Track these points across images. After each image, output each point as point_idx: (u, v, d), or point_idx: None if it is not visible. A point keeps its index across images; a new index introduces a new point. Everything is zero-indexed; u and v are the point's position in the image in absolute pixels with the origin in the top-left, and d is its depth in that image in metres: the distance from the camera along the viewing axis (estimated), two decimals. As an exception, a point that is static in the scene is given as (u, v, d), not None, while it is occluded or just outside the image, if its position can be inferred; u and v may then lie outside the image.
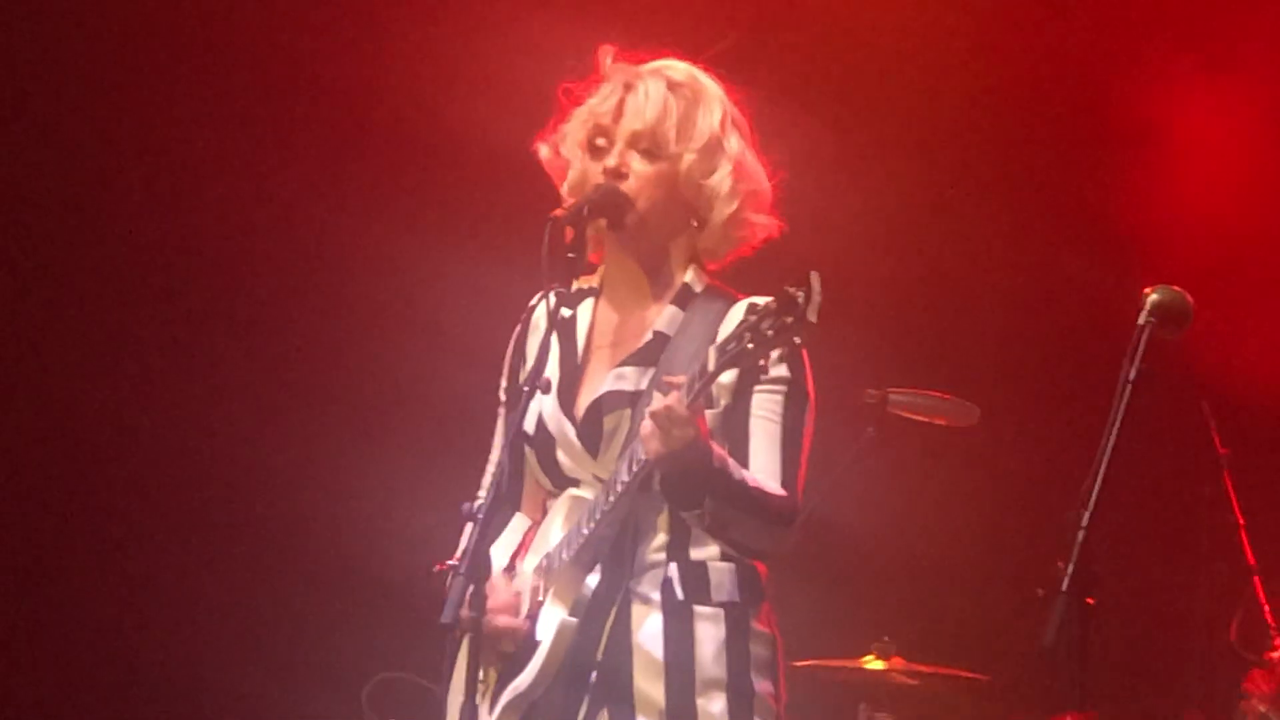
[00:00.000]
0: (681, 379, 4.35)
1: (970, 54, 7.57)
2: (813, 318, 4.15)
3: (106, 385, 7.91)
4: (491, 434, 4.97)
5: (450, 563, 4.48)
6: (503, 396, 4.90)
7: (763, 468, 4.54)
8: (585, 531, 4.55)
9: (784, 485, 4.54)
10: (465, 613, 4.30)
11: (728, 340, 4.28)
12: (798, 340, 4.19)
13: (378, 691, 7.21)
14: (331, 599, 7.87)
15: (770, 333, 4.20)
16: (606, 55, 4.78)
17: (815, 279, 4.16)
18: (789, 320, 4.17)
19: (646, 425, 4.34)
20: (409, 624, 7.26)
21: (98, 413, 7.90)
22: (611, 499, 4.50)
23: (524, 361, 4.85)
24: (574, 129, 4.78)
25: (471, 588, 4.26)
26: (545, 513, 4.78)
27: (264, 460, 7.83)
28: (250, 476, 7.88)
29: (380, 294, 7.85)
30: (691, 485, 4.41)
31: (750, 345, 4.22)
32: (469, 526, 4.56)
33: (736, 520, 4.48)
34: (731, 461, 4.46)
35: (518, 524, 4.83)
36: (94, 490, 7.92)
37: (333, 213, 7.85)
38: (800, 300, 4.16)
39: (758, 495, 4.48)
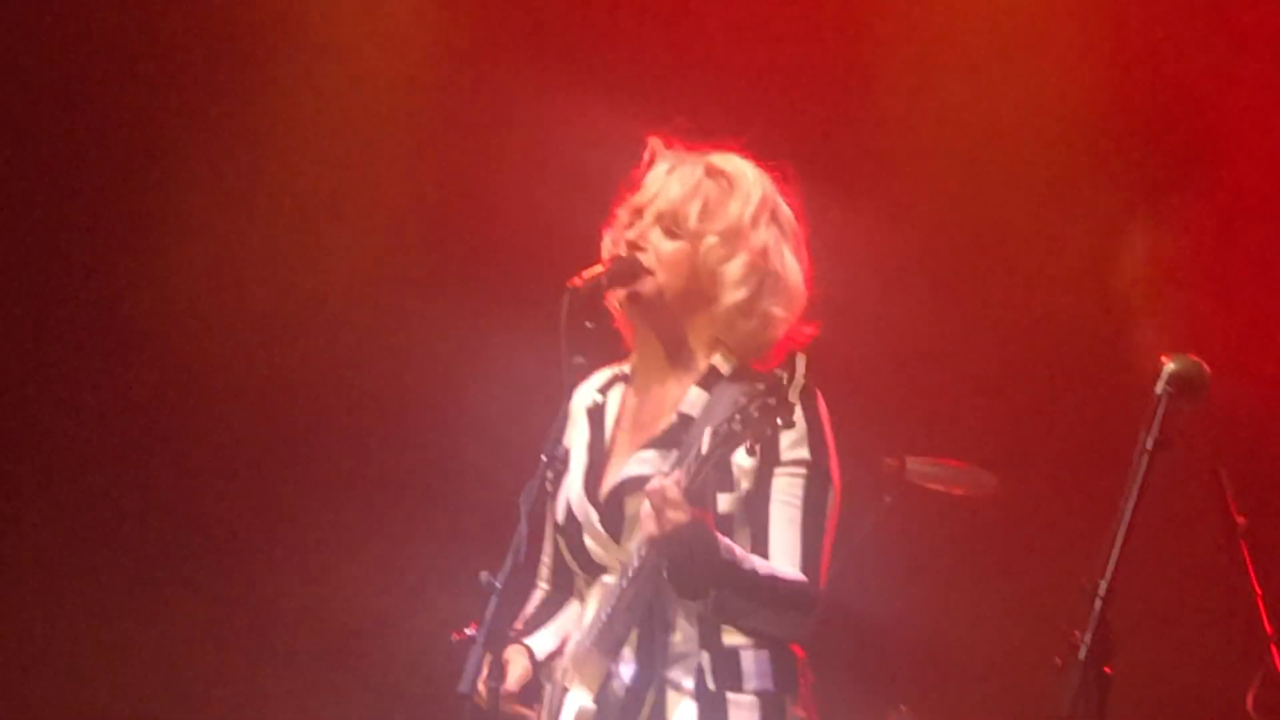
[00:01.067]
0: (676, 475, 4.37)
1: (987, 128, 7.60)
2: (793, 399, 4.21)
3: (117, 447, 7.94)
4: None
5: (468, 632, 4.48)
6: (545, 460, 4.90)
7: (782, 552, 4.53)
8: (604, 617, 4.55)
9: (804, 569, 4.53)
10: (482, 685, 4.32)
11: (720, 423, 4.31)
12: (779, 422, 4.23)
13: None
14: (345, 667, 7.86)
15: (756, 414, 4.24)
16: (657, 145, 4.81)
17: (800, 361, 4.23)
18: (772, 402, 4.21)
19: (644, 507, 4.37)
20: (421, 694, 7.28)
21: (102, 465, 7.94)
22: (624, 583, 4.50)
23: (562, 438, 4.83)
24: (622, 212, 4.81)
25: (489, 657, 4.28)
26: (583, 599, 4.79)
27: (276, 531, 7.85)
28: (260, 546, 7.90)
29: (413, 377, 7.88)
30: (697, 574, 4.41)
31: (739, 427, 4.26)
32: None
33: (747, 610, 4.48)
34: (740, 551, 4.46)
35: (573, 611, 4.84)
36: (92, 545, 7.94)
37: (368, 286, 7.89)
38: (785, 381, 4.20)
39: (768, 584, 4.47)
